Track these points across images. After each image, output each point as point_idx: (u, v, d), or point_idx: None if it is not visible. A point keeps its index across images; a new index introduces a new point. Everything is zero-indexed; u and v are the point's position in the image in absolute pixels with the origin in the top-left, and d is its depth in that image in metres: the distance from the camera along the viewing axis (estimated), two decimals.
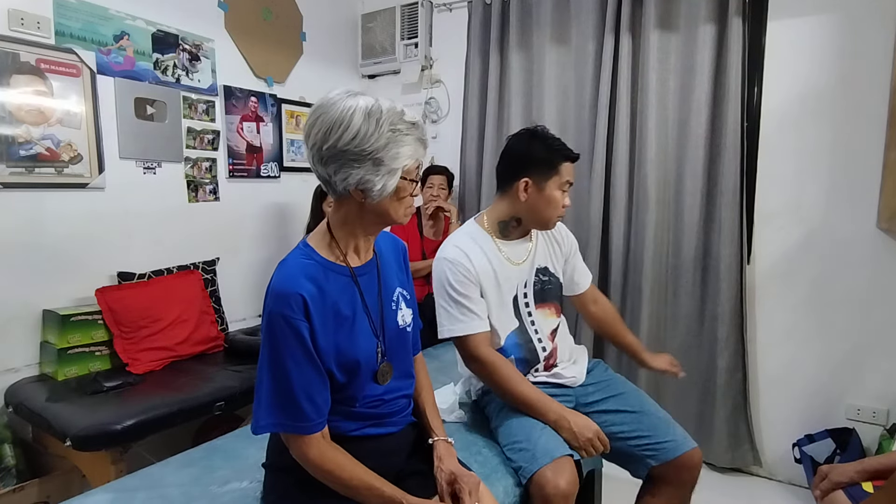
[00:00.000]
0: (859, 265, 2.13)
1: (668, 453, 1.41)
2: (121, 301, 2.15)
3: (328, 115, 0.98)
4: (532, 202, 1.48)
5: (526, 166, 1.47)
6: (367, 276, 1.11)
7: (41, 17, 2.02)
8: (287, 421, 0.99)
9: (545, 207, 1.49)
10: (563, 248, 1.66)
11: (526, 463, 1.31)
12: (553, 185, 1.47)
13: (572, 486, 1.26)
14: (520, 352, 1.53)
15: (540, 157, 1.47)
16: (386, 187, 1.00)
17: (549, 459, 1.28)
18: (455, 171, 2.99)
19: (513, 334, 1.53)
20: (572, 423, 1.37)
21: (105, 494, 1.25)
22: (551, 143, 1.49)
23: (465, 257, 1.46)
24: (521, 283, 1.54)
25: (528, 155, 1.48)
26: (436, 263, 1.50)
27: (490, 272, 1.49)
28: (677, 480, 1.45)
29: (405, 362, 1.19)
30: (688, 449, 1.42)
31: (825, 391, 2.24)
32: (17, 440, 1.96)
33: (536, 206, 1.49)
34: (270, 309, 0.99)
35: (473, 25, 2.91)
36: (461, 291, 1.44)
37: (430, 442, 1.18)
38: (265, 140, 2.89)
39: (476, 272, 1.46)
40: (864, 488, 1.25)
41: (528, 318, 1.54)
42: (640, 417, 1.47)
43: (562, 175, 1.48)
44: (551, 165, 1.47)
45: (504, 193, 1.53)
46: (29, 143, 2.00)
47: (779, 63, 2.23)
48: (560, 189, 1.49)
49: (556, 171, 1.47)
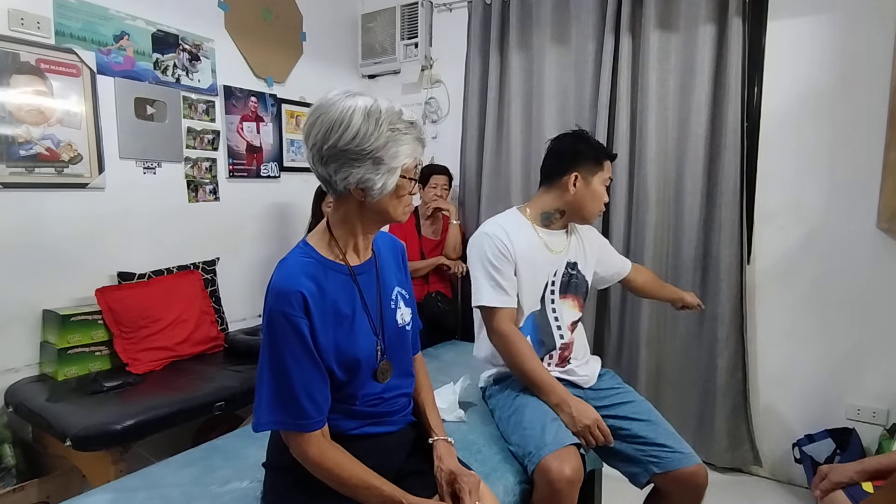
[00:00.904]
0: (859, 265, 2.13)
1: (674, 463, 1.42)
2: (121, 301, 2.15)
3: (328, 116, 0.98)
4: (580, 195, 1.58)
5: (575, 162, 1.58)
6: (365, 274, 1.12)
7: (41, 17, 2.02)
8: (287, 419, 0.99)
9: (591, 200, 1.59)
10: (594, 248, 1.75)
11: (534, 448, 1.34)
12: (598, 180, 1.59)
13: (577, 473, 1.29)
14: (538, 334, 1.59)
15: (588, 155, 1.58)
16: (386, 186, 1.01)
17: (558, 446, 1.31)
18: (455, 171, 2.99)
19: (533, 316, 1.59)
20: (573, 408, 1.43)
21: (105, 494, 1.25)
22: (595, 142, 1.64)
23: (506, 235, 1.55)
24: (552, 271, 1.61)
25: (577, 152, 1.59)
26: (475, 237, 1.61)
27: (528, 253, 1.56)
28: (681, 497, 1.45)
29: (405, 361, 1.19)
30: (693, 463, 1.42)
31: (825, 391, 2.24)
32: (17, 440, 1.96)
33: (583, 198, 1.59)
34: (271, 307, 0.99)
35: (473, 25, 2.91)
36: (496, 265, 1.53)
37: (430, 441, 1.18)
38: (265, 140, 2.89)
39: (514, 250, 1.54)
40: (864, 488, 1.25)
41: (551, 305, 1.61)
42: (649, 426, 1.49)
43: (605, 171, 1.60)
44: (598, 162, 1.59)
45: (550, 187, 1.62)
46: (29, 143, 2.00)
47: (779, 63, 2.23)
48: (603, 184, 1.61)
49: (601, 167, 1.59)
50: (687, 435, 2.44)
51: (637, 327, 2.50)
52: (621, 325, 2.61)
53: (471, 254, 1.61)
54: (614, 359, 2.62)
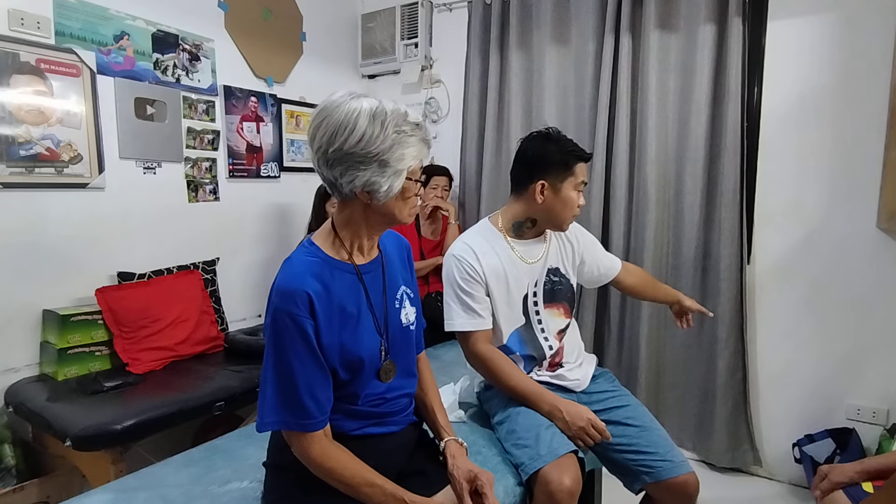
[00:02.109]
0: (859, 265, 2.13)
1: (664, 473, 1.40)
2: (121, 301, 2.15)
3: (333, 118, 0.97)
4: (548, 204, 1.50)
5: (542, 169, 1.49)
6: (371, 273, 1.11)
7: (41, 17, 2.02)
8: (291, 419, 0.99)
9: (561, 209, 1.51)
10: (576, 247, 1.66)
11: (528, 460, 1.32)
12: (568, 186, 1.49)
13: (576, 483, 1.26)
14: (525, 349, 1.54)
15: (555, 160, 1.48)
16: (392, 188, 1.01)
17: (553, 457, 1.28)
18: (455, 171, 2.99)
19: (518, 331, 1.54)
20: (564, 413, 1.38)
21: (105, 494, 1.25)
22: (565, 144, 1.50)
23: (474, 255, 1.48)
24: (531, 282, 1.55)
25: (543, 157, 1.49)
26: (445, 259, 1.54)
27: (500, 270, 1.50)
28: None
29: (408, 360, 1.19)
30: (683, 472, 1.40)
31: (825, 391, 2.24)
32: (17, 440, 1.96)
33: (553, 207, 1.50)
34: (276, 306, 0.98)
35: (473, 25, 2.91)
36: (465, 289, 1.47)
37: (442, 442, 1.18)
38: (265, 140, 2.89)
39: (482, 271, 1.48)
40: (864, 488, 1.25)
41: (536, 317, 1.55)
42: (640, 432, 1.46)
43: (577, 176, 1.50)
44: (567, 167, 1.48)
45: (519, 195, 1.55)
46: (29, 143, 2.00)
47: (779, 63, 2.23)
48: (575, 189, 1.51)
49: (571, 172, 1.49)
50: (687, 435, 2.45)
51: (637, 327, 2.50)
52: (621, 325, 2.61)
53: (443, 277, 1.54)
54: (614, 359, 2.62)
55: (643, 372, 2.49)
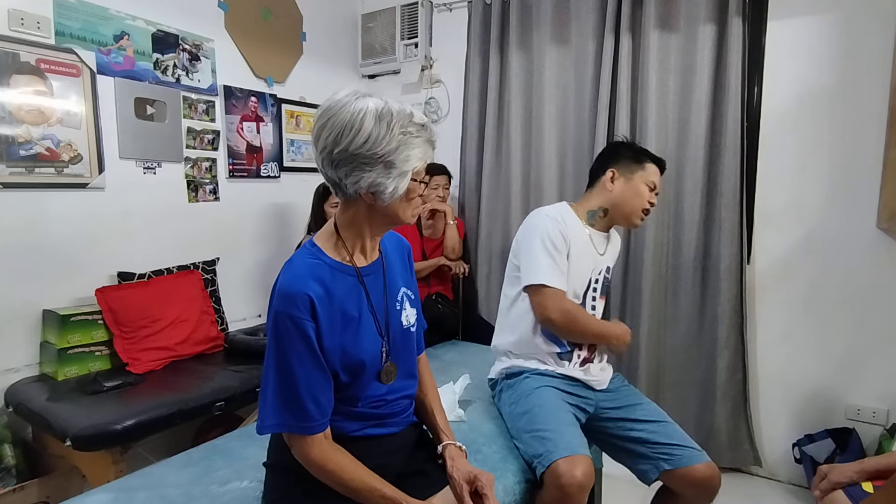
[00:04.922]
0: (859, 265, 2.13)
1: (684, 461, 1.42)
2: (121, 301, 2.15)
3: (338, 118, 0.96)
4: (619, 192, 1.59)
5: (614, 159, 1.62)
6: (372, 276, 1.11)
7: (41, 17, 2.02)
8: (292, 421, 0.99)
9: (632, 197, 1.59)
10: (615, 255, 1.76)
11: (546, 451, 1.33)
12: (639, 178, 1.59)
13: (588, 478, 1.28)
14: None
15: (627, 154, 1.62)
16: (397, 189, 1.00)
17: (569, 453, 1.30)
18: (455, 171, 2.99)
19: None
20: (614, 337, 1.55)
21: (105, 494, 1.24)
22: (639, 148, 1.66)
23: (564, 223, 1.56)
24: (597, 270, 1.63)
25: (616, 151, 1.64)
26: (534, 216, 1.61)
27: (581, 246, 1.58)
28: (692, 497, 1.46)
29: (409, 362, 1.18)
30: (703, 461, 1.43)
31: (825, 391, 2.24)
32: (17, 440, 1.96)
33: (624, 196, 1.59)
34: (277, 309, 0.98)
35: (473, 25, 2.91)
36: (556, 246, 1.52)
37: (441, 446, 1.18)
38: (265, 140, 2.89)
39: (569, 238, 1.55)
40: (864, 488, 1.25)
41: (591, 303, 1.63)
42: (659, 426, 1.50)
43: (647, 172, 1.60)
44: (638, 160, 1.60)
45: (593, 187, 1.66)
46: (29, 143, 2.00)
47: (779, 63, 2.23)
48: (646, 184, 1.59)
49: (641, 166, 1.60)
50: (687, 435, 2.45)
51: (637, 327, 2.50)
52: None
53: (526, 233, 1.58)
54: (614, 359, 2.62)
55: (643, 372, 2.49)
